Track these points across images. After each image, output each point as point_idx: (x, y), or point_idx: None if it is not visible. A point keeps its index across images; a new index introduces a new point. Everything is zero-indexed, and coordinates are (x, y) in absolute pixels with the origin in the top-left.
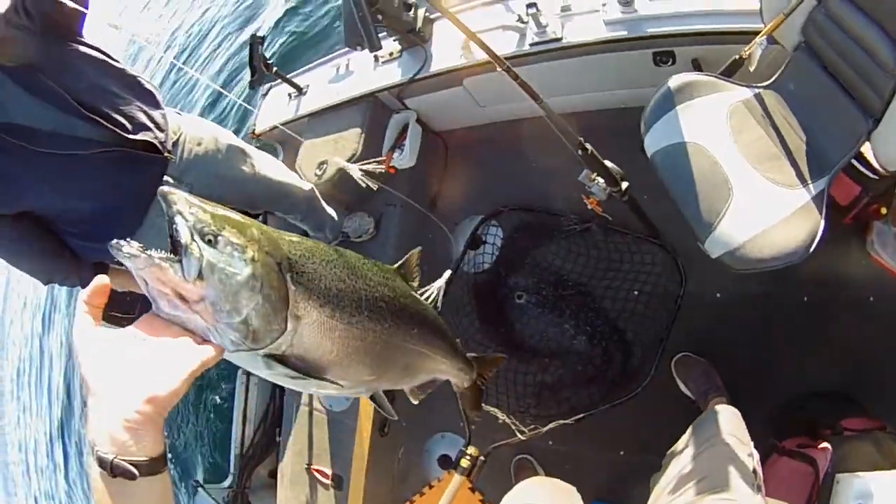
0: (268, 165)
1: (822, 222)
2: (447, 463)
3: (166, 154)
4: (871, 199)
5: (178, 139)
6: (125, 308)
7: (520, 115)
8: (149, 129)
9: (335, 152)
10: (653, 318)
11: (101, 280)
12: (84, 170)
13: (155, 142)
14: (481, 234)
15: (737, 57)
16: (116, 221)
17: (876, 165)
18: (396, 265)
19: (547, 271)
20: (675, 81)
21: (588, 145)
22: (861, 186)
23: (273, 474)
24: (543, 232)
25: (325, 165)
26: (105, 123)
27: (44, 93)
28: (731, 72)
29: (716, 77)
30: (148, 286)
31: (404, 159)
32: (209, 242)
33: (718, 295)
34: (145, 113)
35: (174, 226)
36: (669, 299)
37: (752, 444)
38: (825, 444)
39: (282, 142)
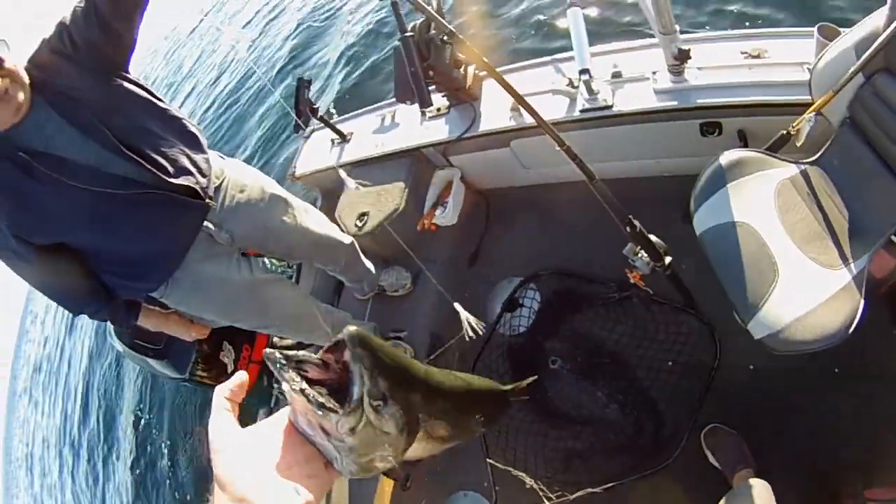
0: (310, 217)
1: (862, 302)
2: None
3: (207, 200)
4: None
5: (220, 184)
6: (151, 338)
7: (563, 178)
8: (190, 173)
9: (377, 204)
10: (686, 388)
11: (242, 377)
12: (120, 210)
13: (196, 187)
14: (518, 297)
15: (784, 132)
16: (151, 265)
17: None
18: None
19: (583, 338)
20: (725, 159)
21: (636, 222)
22: None
23: None
24: (581, 298)
25: (365, 217)
26: (145, 164)
27: (85, 126)
28: (778, 146)
29: (764, 153)
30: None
31: (447, 216)
32: (376, 408)
33: (752, 367)
34: (188, 156)
35: (351, 379)
36: (703, 370)
37: None
38: None
39: (321, 188)
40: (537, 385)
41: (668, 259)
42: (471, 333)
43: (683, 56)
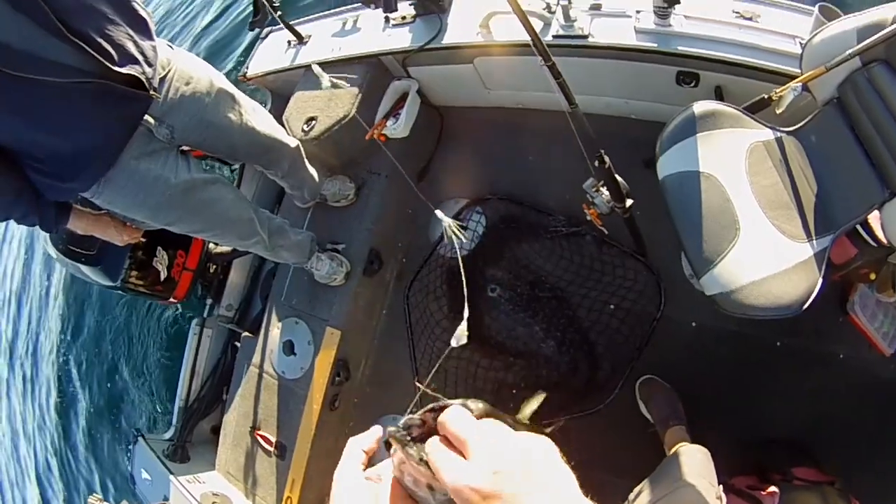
0: (257, 116)
1: (820, 281)
2: None
3: (151, 92)
4: (864, 263)
5: (166, 75)
6: (84, 244)
7: (526, 104)
8: (137, 61)
9: (327, 109)
10: (625, 335)
11: (378, 432)
12: (56, 100)
13: (141, 77)
14: (463, 219)
15: (765, 96)
16: (84, 162)
17: (879, 234)
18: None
19: (526, 269)
20: (700, 107)
21: (607, 158)
22: (858, 250)
23: (216, 430)
24: (529, 227)
25: (313, 122)
26: (88, 50)
27: (23, 3)
28: (756, 109)
29: (741, 111)
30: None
31: (398, 128)
32: None
33: (694, 324)
34: (135, 43)
35: None
36: (645, 320)
37: (720, 487)
38: (773, 489)
39: (272, 90)
40: (473, 311)
41: (629, 201)
42: (455, 241)
43: (672, 0)
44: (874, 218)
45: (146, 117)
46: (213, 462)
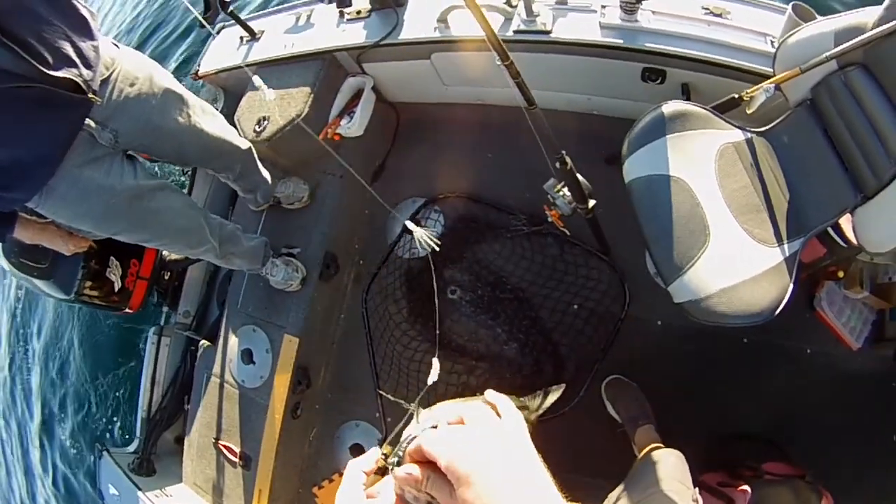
0: (206, 118)
1: (791, 287)
2: (360, 453)
3: (90, 95)
4: (832, 262)
5: (109, 76)
6: (36, 256)
7: (485, 100)
8: (74, 64)
9: (279, 109)
10: (590, 336)
11: (376, 453)
12: None
13: (78, 80)
14: (421, 219)
15: (736, 96)
16: (23, 172)
17: (848, 235)
18: None
19: (486, 269)
20: (669, 108)
21: (568, 159)
22: (827, 249)
23: (180, 440)
24: (488, 227)
25: (265, 122)
26: (21, 53)
27: None
28: (726, 108)
29: (710, 111)
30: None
31: (353, 127)
32: None
33: (660, 323)
34: (73, 44)
35: None
36: (610, 320)
37: (696, 490)
38: (745, 487)
39: (224, 88)
40: (432, 313)
41: (591, 202)
42: (426, 248)
43: None
44: (845, 220)
45: (88, 122)
46: (180, 474)
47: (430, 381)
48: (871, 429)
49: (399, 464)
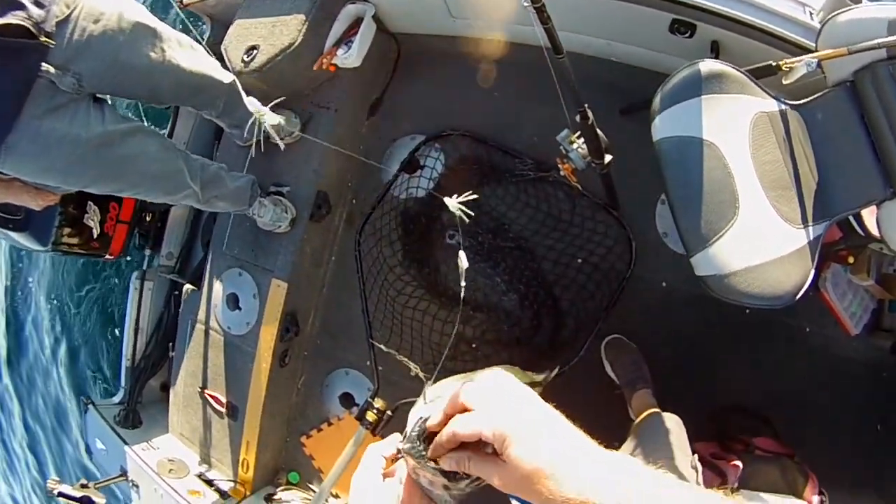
0: (183, 51)
1: (812, 273)
2: (349, 401)
3: (43, 39)
4: (845, 246)
5: (69, 15)
6: (10, 208)
7: (496, 37)
8: (20, 6)
9: (270, 37)
10: (592, 292)
11: (396, 439)
12: None
13: (27, 23)
14: (420, 157)
15: (774, 63)
16: None
17: (869, 226)
18: None
19: (487, 215)
20: (707, 67)
21: (590, 113)
22: (843, 234)
23: (166, 387)
24: (492, 170)
25: (254, 52)
26: None
27: None
28: (759, 75)
29: (747, 75)
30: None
31: (350, 57)
32: None
33: (664, 285)
34: None
35: None
36: (614, 278)
37: (695, 456)
38: (737, 462)
39: (212, 16)
40: (429, 258)
41: (608, 157)
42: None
43: None
44: (868, 210)
45: (45, 67)
46: (166, 424)
47: (461, 269)
48: (857, 416)
49: (421, 453)
